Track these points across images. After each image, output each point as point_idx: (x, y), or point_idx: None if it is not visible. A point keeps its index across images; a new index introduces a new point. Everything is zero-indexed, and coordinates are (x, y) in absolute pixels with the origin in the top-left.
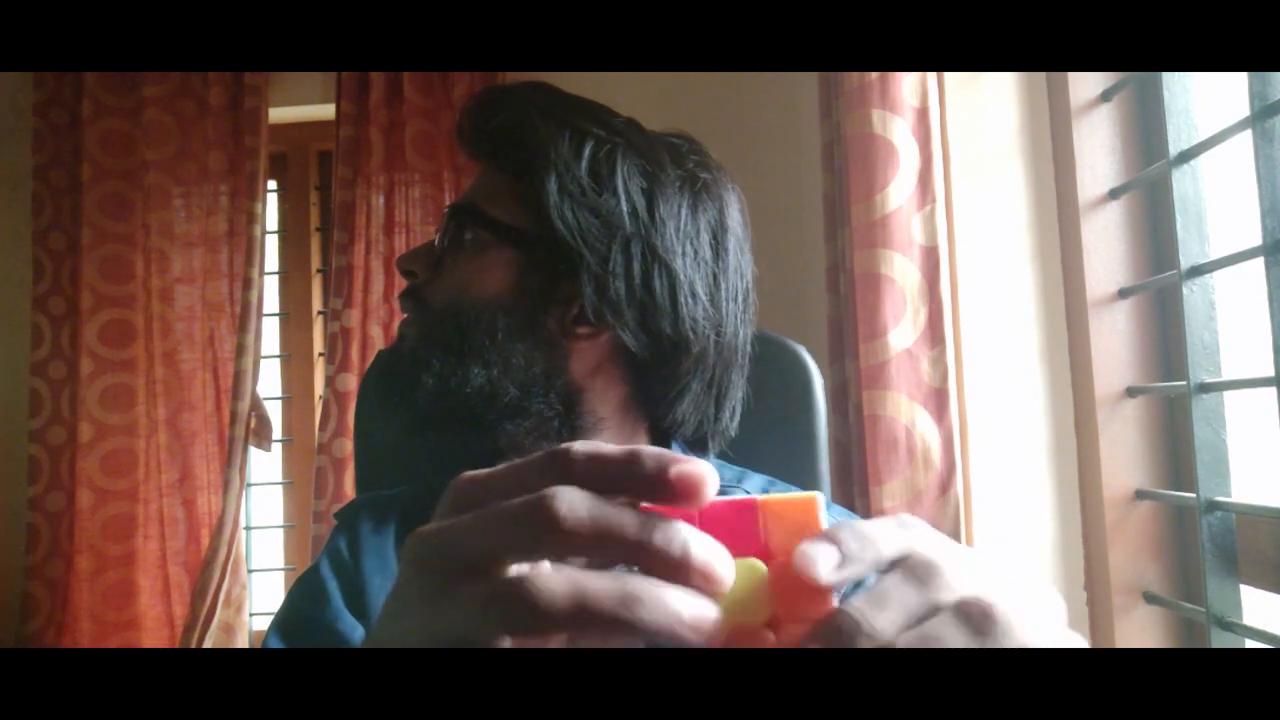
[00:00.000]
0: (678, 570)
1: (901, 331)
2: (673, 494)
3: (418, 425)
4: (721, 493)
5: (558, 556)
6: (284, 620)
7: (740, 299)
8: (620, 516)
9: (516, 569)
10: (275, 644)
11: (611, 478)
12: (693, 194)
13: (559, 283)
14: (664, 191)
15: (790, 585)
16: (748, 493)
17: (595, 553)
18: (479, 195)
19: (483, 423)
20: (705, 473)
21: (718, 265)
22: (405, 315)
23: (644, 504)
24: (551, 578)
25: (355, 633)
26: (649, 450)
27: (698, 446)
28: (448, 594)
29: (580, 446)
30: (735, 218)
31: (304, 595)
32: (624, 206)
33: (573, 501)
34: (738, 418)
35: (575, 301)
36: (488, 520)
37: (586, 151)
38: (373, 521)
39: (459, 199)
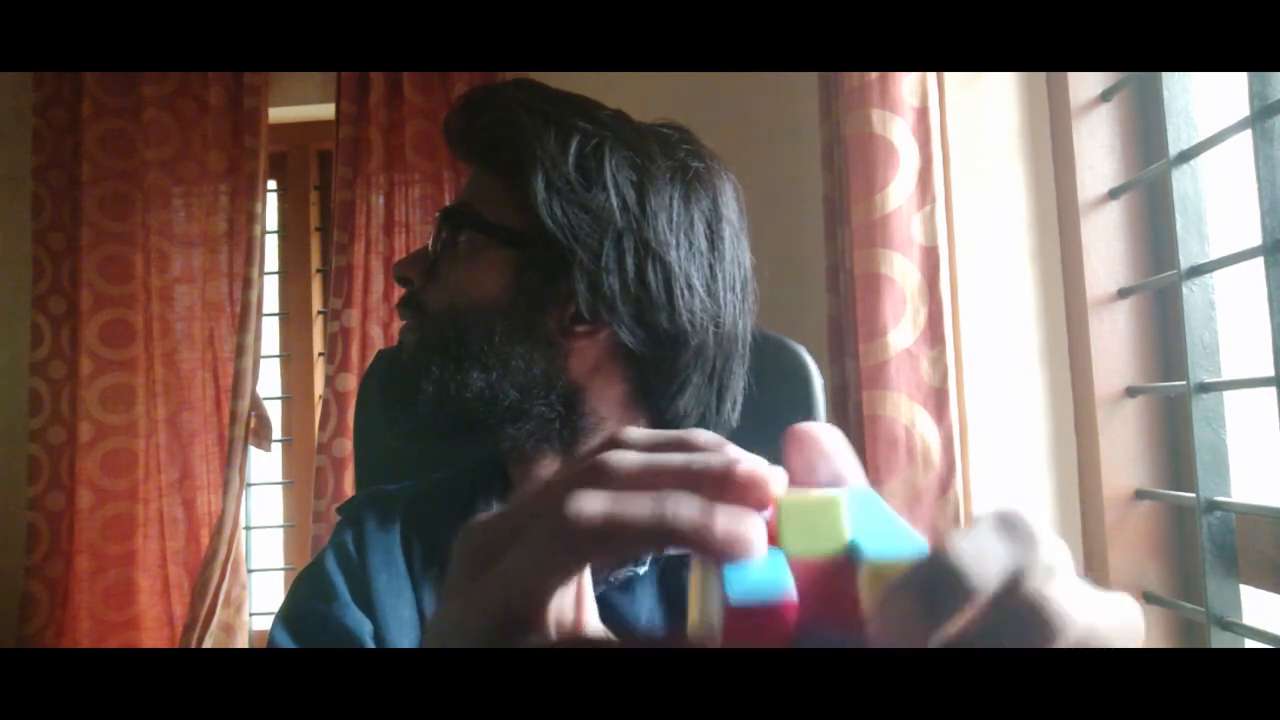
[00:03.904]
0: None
1: (901, 331)
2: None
3: (420, 432)
4: None
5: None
6: (290, 615)
7: (738, 288)
8: (667, 457)
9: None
10: (282, 638)
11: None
12: (684, 184)
13: (554, 282)
14: (654, 183)
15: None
16: None
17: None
18: (470, 197)
19: (484, 427)
20: (770, 473)
21: (713, 255)
22: (404, 323)
23: None
24: (589, 496)
25: (363, 627)
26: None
27: None
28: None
29: (615, 459)
30: (730, 206)
31: (310, 590)
32: (614, 201)
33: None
34: (739, 408)
35: (571, 300)
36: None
37: (573, 147)
38: (378, 518)
39: (451, 202)
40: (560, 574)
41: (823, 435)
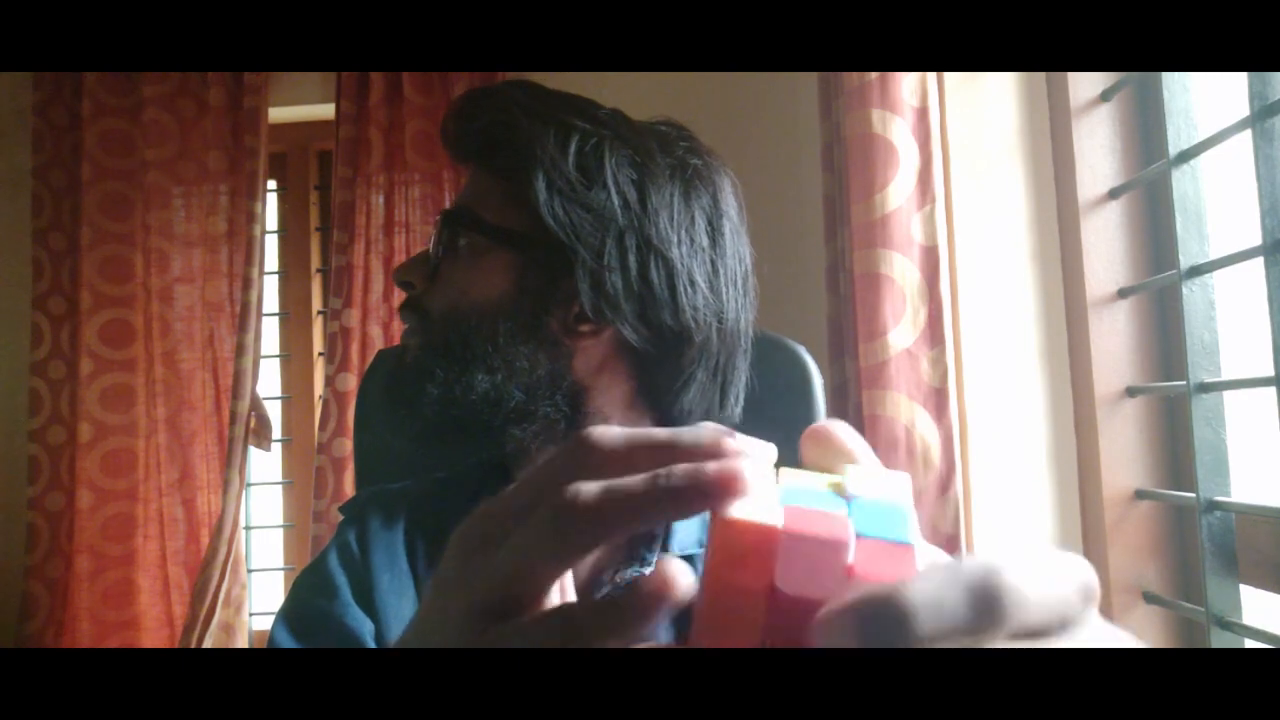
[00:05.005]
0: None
1: (901, 331)
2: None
3: (425, 435)
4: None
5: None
6: (291, 612)
7: (740, 284)
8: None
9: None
10: (283, 636)
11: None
12: (684, 181)
13: (557, 282)
14: (655, 181)
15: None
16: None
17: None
18: (470, 199)
19: (489, 428)
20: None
21: (715, 252)
22: (406, 326)
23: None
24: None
25: (364, 627)
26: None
27: None
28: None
29: (599, 434)
30: (730, 202)
31: (312, 588)
32: (615, 199)
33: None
34: (741, 403)
35: (575, 300)
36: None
37: (573, 146)
38: (381, 517)
39: (451, 205)
40: (563, 558)
41: (840, 432)
